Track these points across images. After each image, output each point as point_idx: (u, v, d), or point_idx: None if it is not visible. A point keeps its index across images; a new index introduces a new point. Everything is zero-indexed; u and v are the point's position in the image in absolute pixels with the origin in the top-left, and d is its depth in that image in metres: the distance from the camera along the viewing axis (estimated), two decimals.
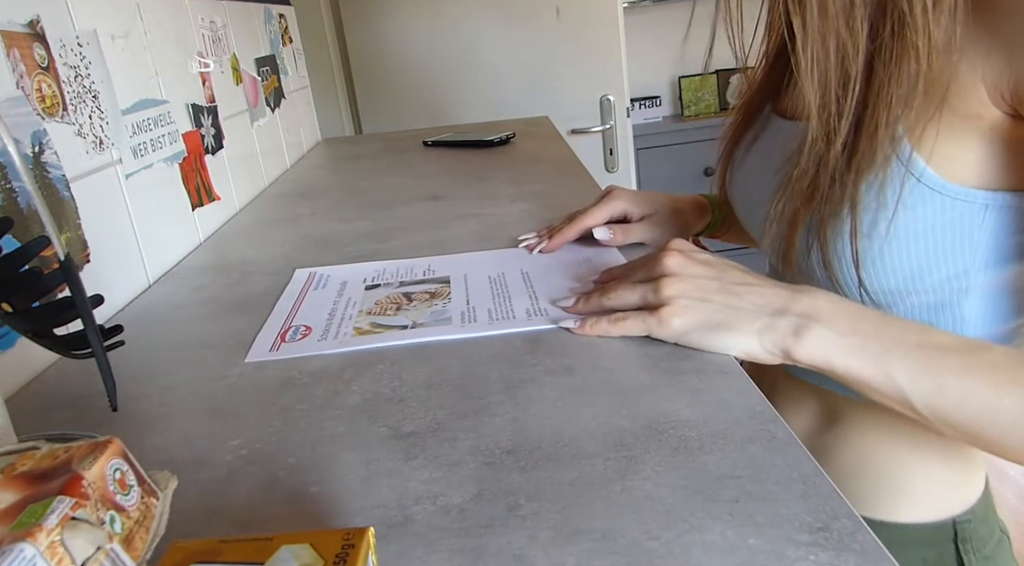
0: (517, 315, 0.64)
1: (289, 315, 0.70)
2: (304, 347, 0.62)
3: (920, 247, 0.50)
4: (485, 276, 0.75)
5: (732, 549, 0.35)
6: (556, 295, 0.67)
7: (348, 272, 0.80)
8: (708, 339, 0.52)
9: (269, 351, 0.62)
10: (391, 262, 0.82)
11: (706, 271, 0.54)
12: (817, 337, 0.47)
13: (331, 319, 0.68)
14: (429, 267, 0.79)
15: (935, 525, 0.57)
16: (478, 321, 0.64)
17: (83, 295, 0.47)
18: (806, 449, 0.42)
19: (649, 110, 2.89)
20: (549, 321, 0.62)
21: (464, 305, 0.68)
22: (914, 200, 0.49)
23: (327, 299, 0.73)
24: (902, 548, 0.56)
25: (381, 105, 2.23)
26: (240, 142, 1.26)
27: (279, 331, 0.66)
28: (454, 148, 1.61)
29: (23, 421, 0.53)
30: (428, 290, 0.72)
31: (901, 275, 0.52)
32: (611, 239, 0.77)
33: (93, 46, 0.80)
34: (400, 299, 0.71)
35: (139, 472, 0.34)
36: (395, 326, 0.64)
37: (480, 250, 0.84)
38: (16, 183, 0.63)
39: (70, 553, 0.27)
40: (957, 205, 0.49)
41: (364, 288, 0.75)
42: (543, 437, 0.46)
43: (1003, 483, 2.00)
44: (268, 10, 1.57)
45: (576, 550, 0.36)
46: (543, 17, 2.18)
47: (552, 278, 0.72)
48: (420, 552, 0.37)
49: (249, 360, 0.62)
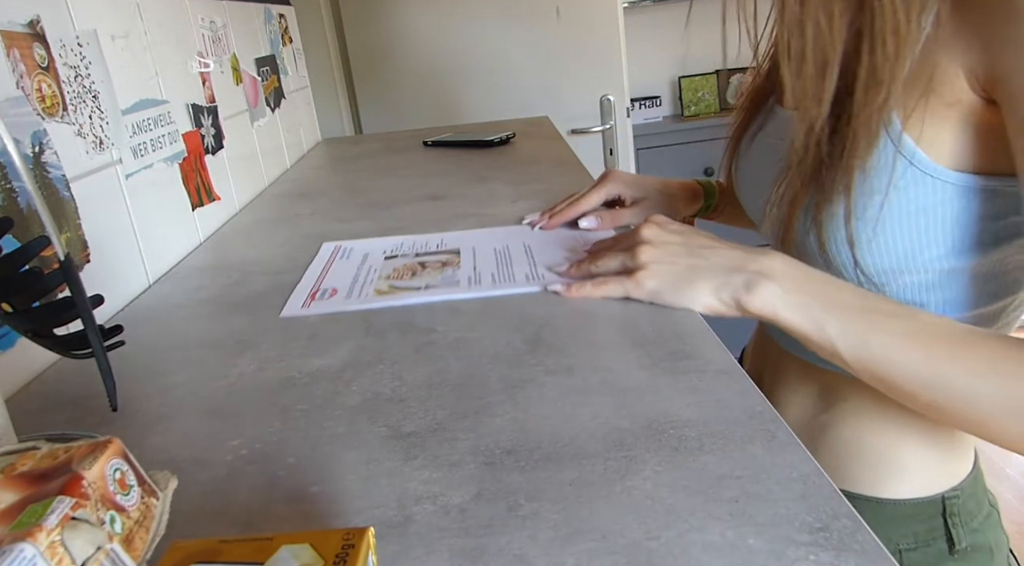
0: (517, 279, 0.73)
1: (318, 279, 0.79)
2: (332, 305, 0.71)
3: (912, 228, 0.53)
4: (491, 248, 0.84)
5: (732, 549, 0.35)
6: (552, 263, 0.76)
7: (370, 245, 0.90)
8: (675, 297, 0.59)
9: (301, 307, 0.71)
10: (408, 237, 0.92)
11: (676, 238, 0.61)
12: (766, 291, 0.53)
13: (355, 282, 0.77)
14: (442, 241, 0.89)
15: (925, 500, 0.59)
16: (483, 283, 0.72)
17: (83, 295, 0.47)
18: (802, 442, 0.42)
19: (649, 110, 2.89)
20: (545, 284, 0.70)
21: (471, 271, 0.77)
22: (906, 182, 0.52)
23: (351, 267, 0.82)
24: (894, 523, 0.59)
25: (381, 105, 2.23)
26: (240, 142, 1.26)
27: (309, 292, 0.76)
28: (454, 148, 1.61)
29: (23, 421, 0.53)
30: (440, 259, 0.82)
31: (894, 255, 0.54)
32: (596, 227, 0.85)
33: (93, 46, 0.80)
34: (415, 266, 0.80)
35: (139, 472, 0.34)
36: (410, 288, 0.73)
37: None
38: (16, 183, 0.63)
39: (70, 553, 0.27)
40: (947, 188, 0.52)
41: (384, 258, 0.84)
42: (543, 437, 0.46)
43: (1003, 483, 2.00)
44: (268, 10, 1.57)
45: (576, 550, 0.36)
46: (543, 17, 2.18)
47: (551, 250, 0.81)
48: (420, 552, 0.37)
49: (284, 315, 0.70)
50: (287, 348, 0.63)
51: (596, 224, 0.85)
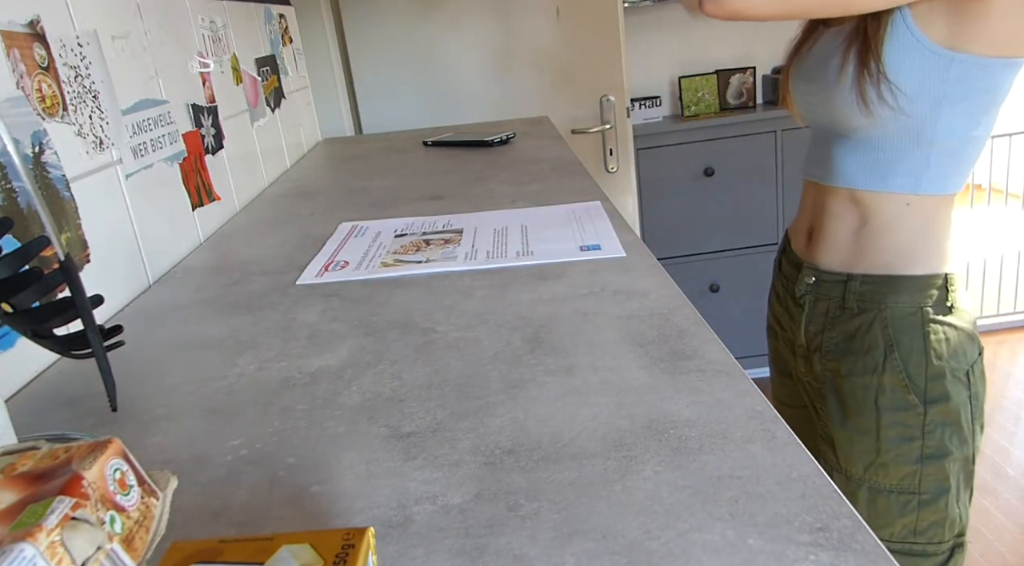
0: (509, 255, 0.82)
1: (333, 254, 0.89)
2: (343, 274, 0.81)
3: (912, 73, 0.73)
4: (491, 228, 0.93)
5: (732, 549, 0.35)
6: (546, 241, 0.85)
7: (383, 224, 1.01)
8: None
9: (316, 276, 0.81)
10: (418, 218, 1.03)
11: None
12: None
13: (365, 256, 0.87)
14: (448, 222, 0.99)
15: (937, 275, 0.80)
16: (478, 259, 0.81)
17: (83, 295, 0.47)
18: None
19: (649, 110, 2.88)
20: (532, 262, 0.79)
21: (470, 248, 0.86)
22: (903, 44, 0.73)
23: (364, 243, 0.93)
24: (921, 291, 0.79)
25: (381, 105, 2.23)
26: (240, 142, 1.26)
27: (324, 264, 0.85)
28: (454, 148, 1.61)
29: (23, 421, 0.53)
30: (444, 237, 0.91)
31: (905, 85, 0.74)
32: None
33: (93, 46, 0.80)
34: (420, 243, 0.90)
35: (139, 472, 0.34)
36: (413, 261, 0.83)
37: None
38: (16, 183, 0.63)
39: (70, 553, 0.27)
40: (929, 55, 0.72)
41: (394, 236, 0.94)
42: (543, 437, 0.46)
43: (1003, 483, 2.00)
44: (268, 10, 1.57)
45: (576, 550, 0.36)
46: (543, 17, 2.18)
47: (545, 230, 0.90)
48: (420, 552, 0.37)
49: (300, 282, 0.80)
50: (287, 348, 0.63)
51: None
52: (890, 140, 0.77)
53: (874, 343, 0.81)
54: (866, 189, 0.81)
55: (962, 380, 0.80)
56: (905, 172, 0.78)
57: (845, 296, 0.83)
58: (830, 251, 0.85)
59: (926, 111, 0.74)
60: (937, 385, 0.79)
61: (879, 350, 0.80)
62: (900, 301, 0.80)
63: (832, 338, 0.85)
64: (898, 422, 0.80)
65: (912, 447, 0.80)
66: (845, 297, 0.83)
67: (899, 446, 0.81)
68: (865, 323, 0.82)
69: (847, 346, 0.83)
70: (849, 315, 0.83)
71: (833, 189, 0.84)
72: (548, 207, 1.02)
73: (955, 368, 0.79)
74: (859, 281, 0.82)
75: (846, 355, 0.83)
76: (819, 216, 0.87)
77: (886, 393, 0.80)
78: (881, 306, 0.81)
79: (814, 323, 0.87)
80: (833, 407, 0.85)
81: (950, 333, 0.79)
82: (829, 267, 0.85)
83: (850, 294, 0.83)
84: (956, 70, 0.72)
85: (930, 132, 0.75)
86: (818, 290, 0.86)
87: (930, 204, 0.79)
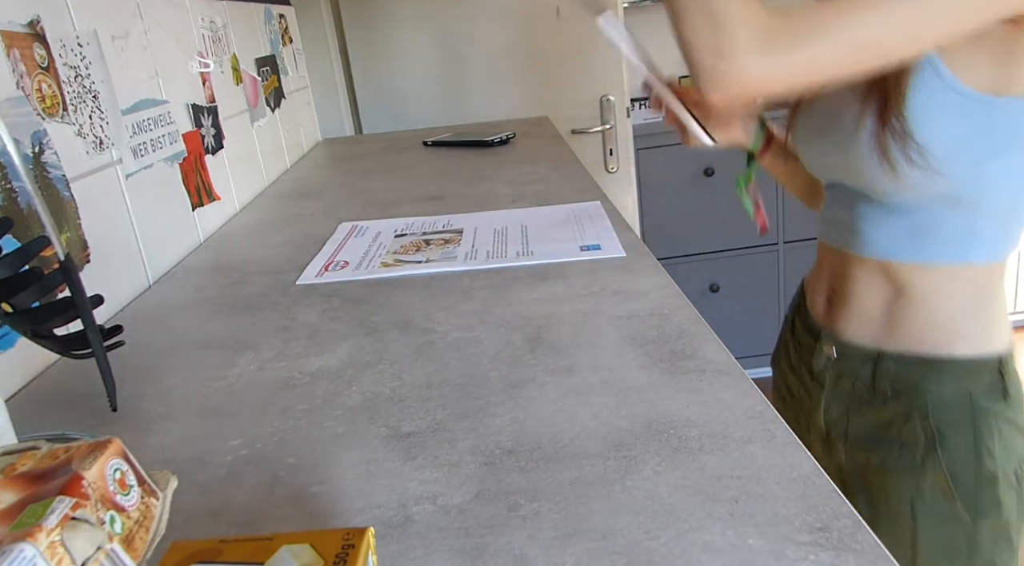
0: (508, 255, 0.81)
1: (333, 254, 0.89)
2: (343, 274, 0.81)
3: (945, 127, 0.60)
4: (491, 228, 0.93)
5: (732, 549, 0.35)
6: (546, 241, 0.85)
7: (383, 224, 1.00)
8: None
9: (316, 276, 0.81)
10: (418, 218, 1.02)
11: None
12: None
13: (365, 256, 0.86)
14: (448, 222, 0.98)
15: (985, 357, 0.67)
16: (478, 259, 0.81)
17: (83, 295, 0.47)
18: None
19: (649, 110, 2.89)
20: (532, 262, 0.79)
21: (470, 248, 0.85)
22: (931, 90, 0.60)
23: (364, 243, 0.92)
24: (963, 376, 0.67)
25: (381, 105, 2.23)
26: (240, 142, 1.26)
27: (324, 264, 0.85)
28: (454, 148, 1.61)
29: (23, 421, 0.53)
30: (444, 238, 0.91)
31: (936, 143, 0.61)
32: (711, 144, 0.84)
33: (93, 46, 0.80)
34: (420, 243, 0.89)
35: (139, 472, 0.34)
36: (413, 261, 0.82)
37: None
38: (16, 183, 0.63)
39: (70, 553, 0.27)
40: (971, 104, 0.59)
41: (394, 236, 0.94)
42: (543, 437, 0.46)
43: None
44: (268, 10, 1.57)
45: (576, 550, 0.36)
46: (543, 17, 2.18)
47: (544, 230, 0.90)
48: (420, 552, 0.37)
49: (300, 282, 0.80)
50: (287, 348, 0.63)
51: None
52: (926, 204, 0.64)
53: (912, 437, 0.67)
54: (900, 261, 0.67)
55: (1013, 484, 0.66)
56: (947, 239, 0.65)
57: (875, 376, 0.70)
58: (856, 322, 0.71)
59: (965, 169, 0.61)
60: (989, 494, 0.66)
61: (919, 446, 0.67)
62: (944, 387, 0.66)
63: (860, 425, 0.71)
64: (940, 536, 0.67)
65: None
66: (876, 378, 0.70)
67: (939, 563, 0.68)
68: (901, 412, 0.68)
69: (879, 435, 0.70)
70: (881, 400, 0.69)
71: (860, 259, 0.70)
72: (548, 207, 1.01)
73: (1007, 469, 0.66)
74: (892, 360, 0.68)
75: (878, 446, 0.70)
76: (841, 282, 0.73)
77: (925, 500, 0.67)
78: (920, 392, 0.67)
79: (836, 405, 0.73)
80: (862, 505, 0.66)
81: (1004, 428, 0.66)
82: (855, 341, 0.71)
83: (881, 375, 0.69)
84: (1000, 117, 0.59)
85: (973, 192, 0.62)
86: (841, 366, 0.73)
87: (979, 274, 0.66)
